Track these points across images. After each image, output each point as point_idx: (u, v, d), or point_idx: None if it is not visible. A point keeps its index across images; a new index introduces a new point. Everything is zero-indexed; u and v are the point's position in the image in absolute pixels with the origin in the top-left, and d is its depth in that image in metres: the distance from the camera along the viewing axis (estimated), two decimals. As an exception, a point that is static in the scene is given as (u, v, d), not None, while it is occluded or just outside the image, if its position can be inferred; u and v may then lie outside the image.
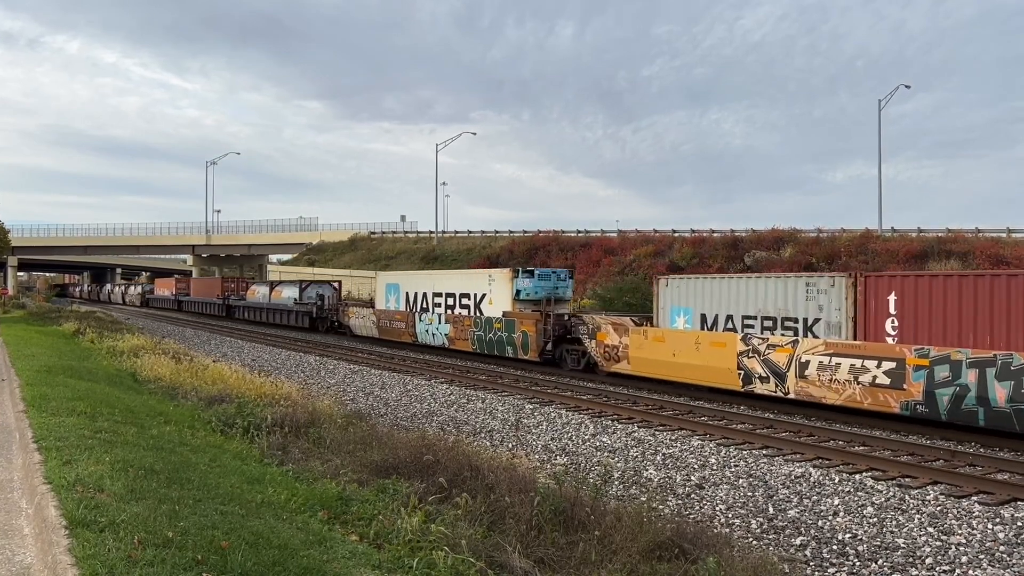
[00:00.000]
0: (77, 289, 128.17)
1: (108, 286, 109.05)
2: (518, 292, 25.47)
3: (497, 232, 71.21)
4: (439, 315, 29.03)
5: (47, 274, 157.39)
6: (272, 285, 48.47)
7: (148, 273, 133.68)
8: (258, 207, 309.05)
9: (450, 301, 28.76)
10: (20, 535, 6.07)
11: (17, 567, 5.34)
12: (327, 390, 19.37)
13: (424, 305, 30.34)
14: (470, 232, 74.67)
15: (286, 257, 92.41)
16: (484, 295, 26.63)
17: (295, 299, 43.11)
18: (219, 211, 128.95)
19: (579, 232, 62.55)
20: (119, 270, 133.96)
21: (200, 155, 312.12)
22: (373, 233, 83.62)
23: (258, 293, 50.27)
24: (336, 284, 45.15)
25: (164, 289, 75.62)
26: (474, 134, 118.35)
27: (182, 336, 38.45)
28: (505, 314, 25.27)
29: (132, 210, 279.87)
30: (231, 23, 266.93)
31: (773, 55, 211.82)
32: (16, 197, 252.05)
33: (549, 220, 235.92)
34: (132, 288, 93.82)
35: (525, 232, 67.21)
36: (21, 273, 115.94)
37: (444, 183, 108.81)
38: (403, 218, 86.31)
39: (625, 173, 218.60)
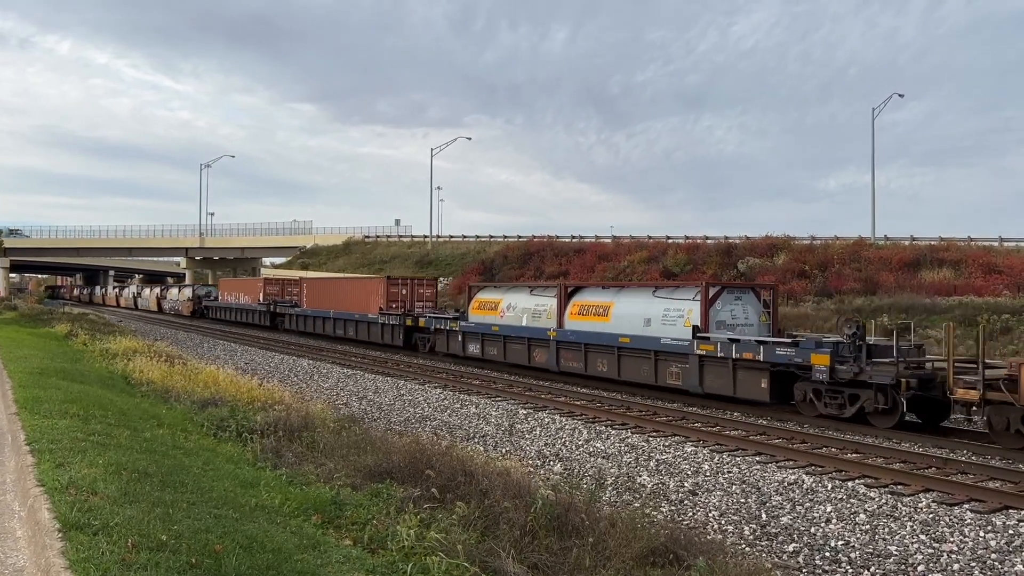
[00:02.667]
0: (85, 291, 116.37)
1: (133, 288, 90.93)
2: None
3: (491, 237, 71.16)
4: None
5: (39, 276, 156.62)
6: (568, 291, 22.91)
7: (141, 275, 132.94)
8: (251, 210, 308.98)
9: None
10: (13, 538, 6.04)
11: (10, 570, 5.32)
12: (321, 394, 19.33)
13: None
14: (464, 237, 74.59)
15: (279, 260, 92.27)
16: None
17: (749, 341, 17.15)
18: (212, 213, 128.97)
19: (573, 238, 62.50)
20: (112, 272, 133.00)
21: (192, 157, 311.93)
22: (367, 237, 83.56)
23: (512, 308, 24.74)
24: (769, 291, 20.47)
25: (241, 294, 49.61)
26: (469, 139, 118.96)
27: (175, 339, 38.35)
28: None
29: (123, 212, 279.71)
30: (223, 24, 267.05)
31: (766, 62, 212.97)
32: (7, 198, 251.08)
33: (543, 225, 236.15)
34: (174, 291, 68.56)
35: (519, 237, 67.15)
36: (13, 275, 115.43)
37: (439, 188, 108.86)
38: (397, 222, 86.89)
39: (618, 179, 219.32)
